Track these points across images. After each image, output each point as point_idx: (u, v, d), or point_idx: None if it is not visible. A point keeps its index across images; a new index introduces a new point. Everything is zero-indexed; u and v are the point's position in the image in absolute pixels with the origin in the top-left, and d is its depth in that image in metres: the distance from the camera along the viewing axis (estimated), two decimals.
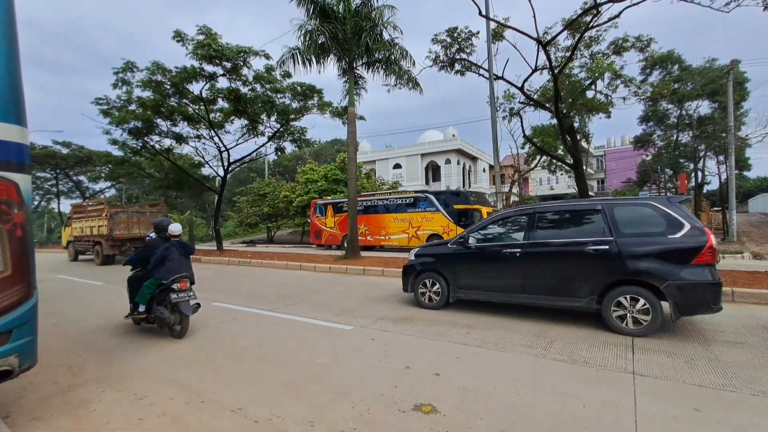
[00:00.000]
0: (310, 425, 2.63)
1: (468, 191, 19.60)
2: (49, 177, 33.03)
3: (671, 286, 4.40)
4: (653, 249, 4.57)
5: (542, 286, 5.21)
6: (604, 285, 4.74)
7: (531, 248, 5.28)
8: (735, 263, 12.12)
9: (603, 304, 4.73)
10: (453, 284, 5.97)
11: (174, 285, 4.81)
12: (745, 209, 39.38)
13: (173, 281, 4.81)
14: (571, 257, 5.01)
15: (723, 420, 2.61)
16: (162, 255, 4.94)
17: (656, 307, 4.44)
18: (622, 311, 4.61)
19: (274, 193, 28.33)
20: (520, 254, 5.33)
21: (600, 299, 4.76)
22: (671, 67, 21.25)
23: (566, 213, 5.47)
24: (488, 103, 10.70)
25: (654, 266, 4.53)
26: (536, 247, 5.25)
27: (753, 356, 3.79)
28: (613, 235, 4.80)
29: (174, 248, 5.06)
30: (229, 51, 14.35)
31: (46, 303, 7.13)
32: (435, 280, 6.13)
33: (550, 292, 5.16)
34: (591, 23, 8.50)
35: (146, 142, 17.69)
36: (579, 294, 4.91)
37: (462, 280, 5.90)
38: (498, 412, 2.76)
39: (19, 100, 2.69)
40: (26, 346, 2.71)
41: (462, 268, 5.93)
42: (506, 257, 5.43)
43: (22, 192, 2.65)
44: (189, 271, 5.09)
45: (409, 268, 6.50)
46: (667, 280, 4.42)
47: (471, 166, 43.31)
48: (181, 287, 4.83)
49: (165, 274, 4.87)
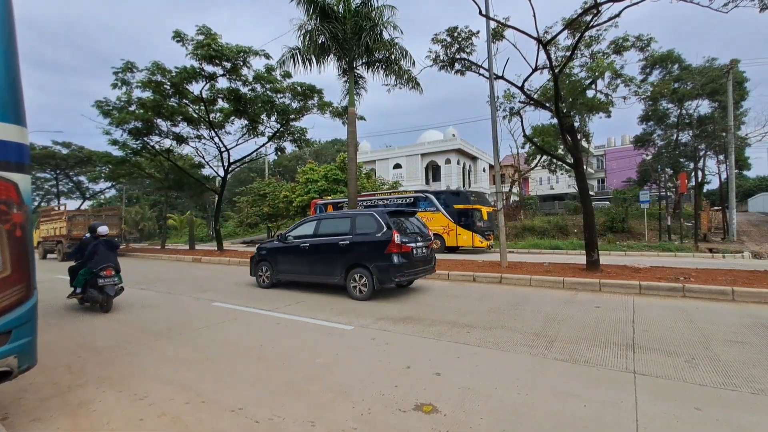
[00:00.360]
0: (311, 425, 2.63)
1: (468, 191, 19.59)
2: (49, 177, 33.00)
3: (374, 267, 6.75)
4: (368, 242, 6.97)
5: (319, 269, 7.58)
6: (348, 266, 7.10)
7: (313, 243, 7.65)
8: (735, 262, 12.12)
9: (347, 280, 7.08)
10: (275, 269, 8.20)
11: (101, 272, 6.29)
12: (745, 208, 39.36)
13: (101, 269, 6.29)
14: (333, 249, 7.35)
15: (724, 419, 2.60)
16: (92, 250, 6.41)
17: (371, 281, 6.75)
18: (354, 284, 6.97)
19: (275, 193, 28.34)
20: (308, 247, 7.67)
21: (345, 277, 7.10)
22: (671, 66, 21.25)
23: (334, 219, 7.94)
24: (488, 102, 10.67)
25: (368, 254, 6.90)
26: (315, 243, 7.63)
27: (753, 355, 3.79)
28: (351, 234, 7.21)
29: (101, 245, 6.54)
30: (229, 51, 14.34)
31: (46, 303, 7.13)
32: (266, 267, 8.34)
33: (323, 273, 7.50)
34: (591, 23, 8.48)
35: (146, 143, 17.69)
36: (335, 273, 7.24)
37: (280, 266, 8.17)
38: (498, 412, 2.75)
39: (18, 99, 2.68)
40: (26, 346, 2.70)
41: (280, 258, 8.17)
42: (302, 250, 7.77)
43: (21, 192, 2.64)
44: (114, 261, 6.54)
45: (252, 258, 8.76)
46: (373, 263, 6.77)
47: (471, 166, 43.30)
48: (107, 274, 6.32)
49: (95, 264, 6.33)
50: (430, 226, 17.02)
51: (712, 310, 5.72)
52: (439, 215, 16.89)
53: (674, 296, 6.64)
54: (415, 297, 7.07)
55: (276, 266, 8.18)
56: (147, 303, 7.14)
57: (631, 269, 9.03)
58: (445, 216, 16.73)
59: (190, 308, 6.58)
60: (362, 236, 7.09)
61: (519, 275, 8.42)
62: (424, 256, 7.44)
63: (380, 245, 6.80)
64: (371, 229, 7.08)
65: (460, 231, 16.30)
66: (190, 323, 5.51)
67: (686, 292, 6.66)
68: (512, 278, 8.33)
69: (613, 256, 14.31)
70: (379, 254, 6.78)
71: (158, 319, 5.83)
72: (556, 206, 35.14)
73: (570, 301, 6.46)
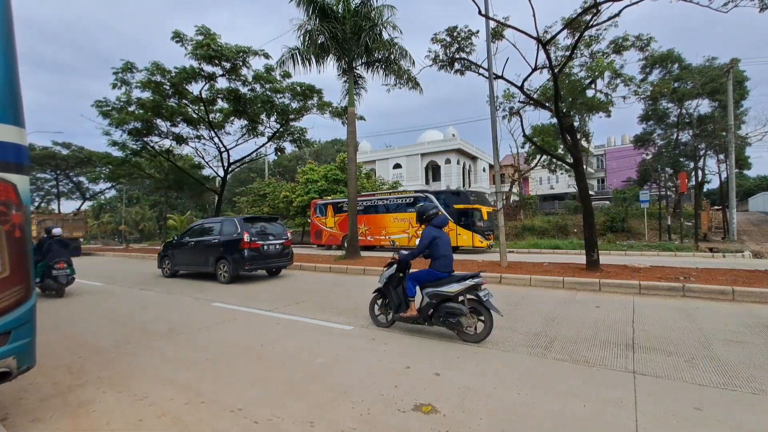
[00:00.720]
0: (310, 425, 2.63)
1: (468, 191, 19.58)
2: (49, 178, 33.02)
3: (231, 258, 9.15)
4: (229, 241, 9.38)
5: (199, 261, 10.03)
6: (216, 258, 9.51)
7: (196, 242, 10.22)
8: (735, 262, 12.11)
9: (216, 269, 9.49)
10: (173, 263, 10.66)
11: (55, 266, 7.78)
12: (746, 208, 39.33)
13: (55, 263, 7.80)
14: (207, 246, 9.85)
15: (724, 419, 2.60)
16: (47, 248, 8.03)
17: (230, 269, 9.19)
18: (220, 271, 9.39)
19: (274, 194, 28.33)
20: (193, 245, 10.24)
21: (216, 266, 9.49)
22: (671, 66, 21.20)
23: (210, 224, 10.51)
24: (488, 102, 10.66)
25: (228, 249, 9.32)
26: (197, 241, 10.17)
27: (754, 355, 3.79)
28: (219, 235, 9.70)
29: (54, 244, 8.19)
30: (228, 51, 14.35)
31: (46, 303, 7.14)
32: (168, 261, 10.77)
33: (202, 264, 9.94)
34: (591, 22, 8.47)
35: (146, 143, 17.70)
36: (209, 264, 9.64)
37: (176, 260, 10.63)
38: (498, 412, 2.75)
39: (17, 100, 2.68)
40: (25, 347, 2.70)
41: (176, 254, 10.63)
42: (189, 247, 10.33)
43: (20, 193, 2.64)
44: (66, 257, 8.07)
45: (159, 255, 11.34)
46: (231, 256, 9.19)
47: (471, 166, 43.29)
48: (60, 267, 7.82)
49: (50, 259, 7.85)
50: None
51: (712, 309, 5.71)
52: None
53: (674, 296, 6.64)
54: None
55: (173, 260, 10.68)
56: (147, 303, 7.15)
57: (631, 269, 9.02)
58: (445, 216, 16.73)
59: (189, 308, 6.58)
60: (226, 236, 9.53)
61: (519, 275, 8.42)
62: (277, 252, 9.88)
63: (236, 243, 9.23)
64: (232, 231, 9.49)
65: (460, 231, 16.29)
66: (190, 323, 5.52)
67: (686, 292, 6.66)
68: (512, 278, 8.33)
69: (613, 256, 14.30)
70: (235, 249, 9.20)
71: (158, 320, 5.83)
72: (556, 206, 35.16)
73: (570, 301, 6.46)
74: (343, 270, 10.90)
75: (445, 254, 4.67)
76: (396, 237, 18.07)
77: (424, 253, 4.71)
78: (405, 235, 17.78)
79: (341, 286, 8.47)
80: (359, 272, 10.48)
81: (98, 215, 45.55)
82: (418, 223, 5.01)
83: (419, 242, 4.71)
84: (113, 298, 7.89)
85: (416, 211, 5.02)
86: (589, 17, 8.39)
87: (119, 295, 8.22)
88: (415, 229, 17.45)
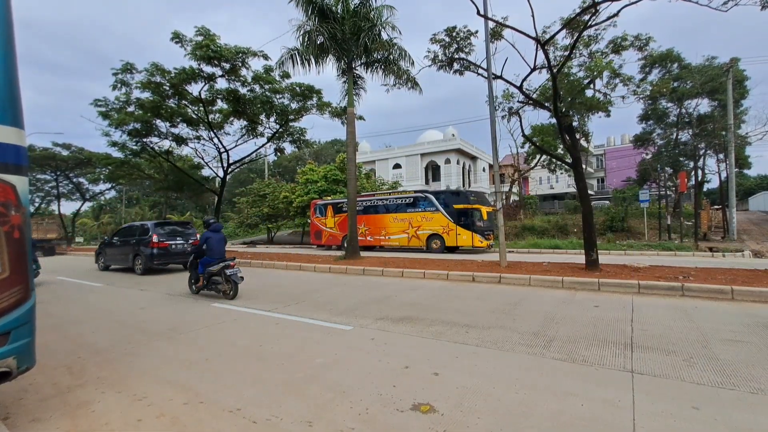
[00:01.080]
0: (309, 425, 2.63)
1: (468, 191, 19.58)
2: (49, 179, 33.02)
3: (143, 255, 11.46)
4: (142, 241, 11.63)
5: (122, 258, 12.40)
6: (133, 255, 11.76)
7: (120, 241, 12.69)
8: (735, 261, 12.12)
9: (134, 263, 11.71)
10: (105, 259, 13.17)
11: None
12: (746, 207, 39.35)
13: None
14: (128, 244, 12.18)
15: (722, 418, 2.61)
16: None
17: (143, 263, 11.47)
18: (136, 266, 11.60)
19: (274, 194, 28.34)
20: (119, 244, 12.68)
21: (133, 261, 11.72)
22: (671, 65, 21.21)
23: (132, 227, 13.00)
24: (487, 102, 10.68)
25: (142, 248, 11.51)
26: (121, 241, 12.63)
27: (752, 354, 3.79)
28: (136, 236, 12.12)
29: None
30: (228, 52, 14.36)
31: (47, 304, 7.15)
32: (102, 257, 13.32)
33: (124, 260, 12.26)
34: (589, 22, 8.48)
35: (146, 144, 17.70)
36: (129, 260, 11.92)
37: (106, 256, 13.16)
38: (496, 412, 2.76)
39: (16, 101, 2.69)
40: (24, 347, 2.71)
41: (107, 251, 13.13)
42: (115, 245, 12.81)
43: (19, 194, 2.65)
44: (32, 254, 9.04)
45: (95, 252, 13.93)
46: (143, 253, 11.41)
47: (471, 166, 43.29)
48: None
49: None
50: (430, 226, 17.04)
51: (711, 309, 5.72)
52: (439, 215, 16.89)
53: (673, 295, 6.64)
54: (414, 297, 7.08)
55: (105, 257, 13.25)
56: (147, 303, 7.16)
57: (630, 268, 9.03)
58: (444, 216, 16.73)
59: (189, 309, 6.59)
60: (140, 237, 11.93)
61: (518, 275, 8.42)
62: (185, 250, 11.72)
63: (147, 242, 11.52)
64: (145, 233, 11.86)
65: (459, 231, 16.29)
66: (190, 324, 5.53)
67: (685, 291, 6.66)
68: (511, 278, 8.34)
69: (613, 256, 14.31)
70: (147, 248, 11.44)
71: (158, 320, 5.84)
72: (556, 206, 35.18)
73: (569, 301, 6.47)
74: (342, 270, 10.91)
75: (213, 248, 7.53)
76: (396, 237, 18.08)
77: (201, 247, 7.67)
78: (405, 235, 17.79)
79: (341, 287, 8.48)
80: (359, 272, 10.49)
81: (98, 216, 45.57)
82: (204, 228, 8.04)
83: (200, 241, 7.77)
84: (113, 298, 7.90)
85: (203, 221, 8.43)
86: (588, 17, 8.40)
87: (119, 295, 8.23)
88: (414, 229, 17.47)
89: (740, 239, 18.26)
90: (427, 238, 17.14)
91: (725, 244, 16.63)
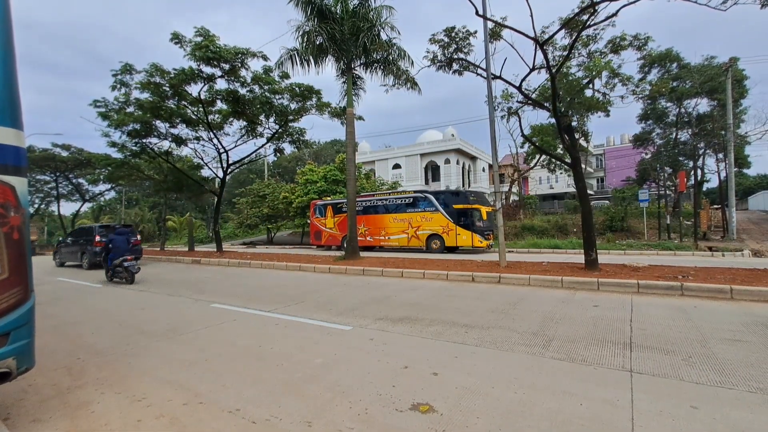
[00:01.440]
0: (308, 425, 2.64)
1: (467, 191, 19.60)
2: (48, 180, 32.97)
3: (90, 254, 13.78)
4: (89, 240, 14.14)
5: (74, 256, 14.84)
6: (81, 253, 14.30)
7: (72, 241, 15.23)
8: (734, 261, 12.13)
9: (82, 261, 14.27)
10: (61, 256, 15.73)
11: None
12: (745, 207, 39.34)
13: None
14: (78, 244, 14.70)
15: (720, 417, 2.61)
16: None
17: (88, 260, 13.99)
18: (84, 262, 14.15)
19: (274, 194, 28.35)
20: (71, 243, 15.24)
21: (81, 258, 14.31)
22: (670, 65, 21.22)
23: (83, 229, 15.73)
24: (486, 102, 10.69)
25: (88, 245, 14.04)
26: (73, 241, 15.24)
27: (751, 354, 3.80)
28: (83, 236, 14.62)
29: None
30: (227, 52, 14.35)
31: (47, 305, 7.15)
32: (58, 255, 15.91)
33: (75, 258, 14.77)
34: (588, 22, 8.49)
35: (145, 145, 17.69)
36: (79, 257, 14.48)
37: (61, 255, 15.71)
38: (495, 411, 2.76)
39: (15, 102, 2.69)
40: (24, 348, 2.71)
41: (63, 250, 15.63)
42: (68, 244, 15.30)
43: (18, 195, 2.65)
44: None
45: (53, 251, 16.77)
46: (83, 251, 14.35)
47: (470, 166, 43.31)
48: None
49: None
50: (430, 226, 17.05)
51: (710, 308, 5.73)
52: (439, 215, 16.90)
53: (672, 295, 6.65)
54: (414, 297, 7.08)
55: (60, 255, 15.81)
56: (147, 304, 7.16)
57: (629, 268, 9.04)
58: (444, 216, 16.74)
59: (189, 309, 6.59)
60: (86, 237, 14.25)
61: (518, 275, 8.43)
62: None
63: (92, 242, 13.67)
64: (90, 234, 14.11)
65: (459, 231, 16.31)
66: (189, 324, 5.53)
67: (685, 291, 6.67)
68: (511, 278, 8.34)
69: (612, 255, 14.32)
70: (91, 246, 13.63)
71: (157, 320, 5.84)
72: (555, 205, 35.16)
73: (568, 301, 6.47)
74: (342, 270, 10.92)
75: (117, 246, 10.17)
76: (395, 237, 18.09)
77: (108, 247, 10.28)
78: (404, 236, 17.80)
79: (340, 287, 8.48)
80: (358, 273, 10.50)
81: (98, 217, 45.53)
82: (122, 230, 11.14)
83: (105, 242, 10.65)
84: (112, 298, 7.90)
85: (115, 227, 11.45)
86: (587, 17, 8.42)
87: (118, 296, 8.23)
88: (414, 229, 17.48)
89: (740, 238, 18.28)
90: (427, 238, 17.15)
91: (725, 244, 16.65)
